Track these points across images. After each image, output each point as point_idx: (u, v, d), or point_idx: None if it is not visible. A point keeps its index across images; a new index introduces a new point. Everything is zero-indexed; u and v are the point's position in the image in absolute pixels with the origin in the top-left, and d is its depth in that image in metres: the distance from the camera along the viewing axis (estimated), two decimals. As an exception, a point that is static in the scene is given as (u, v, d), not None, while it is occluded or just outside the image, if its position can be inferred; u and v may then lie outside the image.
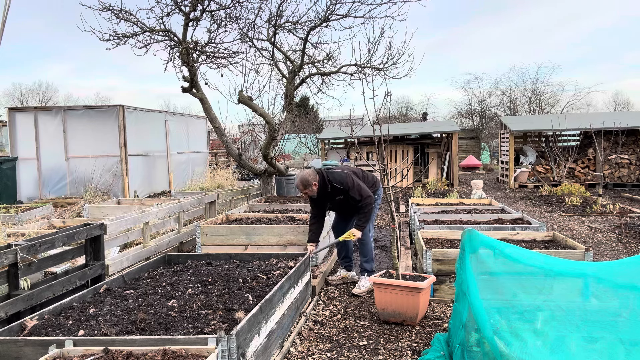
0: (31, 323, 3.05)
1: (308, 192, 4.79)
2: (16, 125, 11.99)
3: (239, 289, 3.80)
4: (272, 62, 9.22)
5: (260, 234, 5.64)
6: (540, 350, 2.39)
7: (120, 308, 3.41)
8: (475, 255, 2.84)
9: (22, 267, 3.66)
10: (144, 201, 8.69)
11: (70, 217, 8.36)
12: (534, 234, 5.43)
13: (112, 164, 11.55)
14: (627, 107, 38.14)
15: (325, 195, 4.90)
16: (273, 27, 8.55)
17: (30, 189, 11.88)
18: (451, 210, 7.60)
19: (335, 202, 4.97)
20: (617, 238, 7.18)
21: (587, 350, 2.38)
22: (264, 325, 3.15)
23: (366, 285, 4.87)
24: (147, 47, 8.37)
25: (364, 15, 8.56)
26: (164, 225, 6.96)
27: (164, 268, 4.63)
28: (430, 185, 13.12)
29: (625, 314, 2.50)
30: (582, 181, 14.39)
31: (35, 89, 42.24)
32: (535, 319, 2.57)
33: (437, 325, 3.96)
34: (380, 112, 4.32)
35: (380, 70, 8.83)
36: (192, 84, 8.71)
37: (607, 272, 2.66)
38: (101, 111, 11.94)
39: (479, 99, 29.55)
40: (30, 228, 6.28)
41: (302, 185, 4.79)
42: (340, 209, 5.14)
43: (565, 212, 9.55)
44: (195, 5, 8.18)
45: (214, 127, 9.35)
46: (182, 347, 2.51)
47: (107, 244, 5.20)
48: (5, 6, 3.90)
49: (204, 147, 15.88)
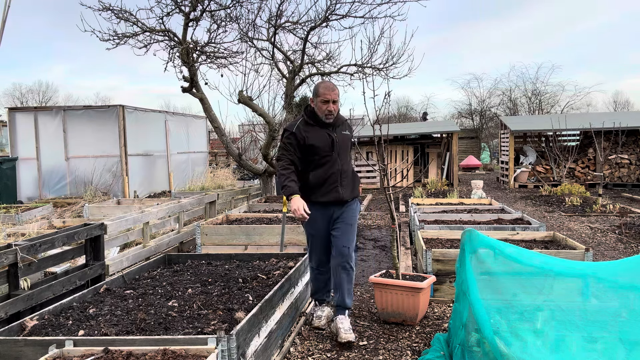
0: (31, 323, 3.05)
1: (335, 106, 3.74)
2: (16, 125, 11.99)
3: (239, 289, 3.80)
4: (272, 62, 9.23)
5: (260, 234, 5.64)
6: (540, 350, 2.39)
7: (120, 308, 3.40)
8: (475, 255, 2.84)
9: (22, 267, 3.66)
10: (144, 201, 8.69)
11: (70, 217, 8.36)
12: (534, 234, 5.43)
13: (112, 164, 11.55)
14: (627, 107, 38.15)
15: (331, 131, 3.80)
16: (273, 27, 8.55)
17: (30, 189, 11.88)
18: (451, 210, 7.60)
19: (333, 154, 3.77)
20: (617, 238, 7.18)
21: (587, 350, 2.38)
22: (264, 325, 3.15)
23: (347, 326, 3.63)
24: (147, 47, 8.38)
25: (364, 15, 8.57)
26: (164, 225, 6.96)
27: (164, 268, 4.63)
28: (430, 185, 13.12)
29: (625, 314, 2.50)
30: (582, 181, 14.38)
31: (35, 89, 42.28)
32: (536, 319, 2.57)
33: (437, 325, 3.96)
34: (380, 112, 4.32)
35: (381, 70, 8.83)
36: (192, 84, 8.71)
37: (607, 272, 2.66)
38: (101, 111, 11.94)
39: (479, 99, 29.58)
40: (30, 228, 6.28)
41: (337, 89, 3.78)
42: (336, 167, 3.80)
43: (565, 212, 9.55)
44: (195, 5, 8.18)
45: (214, 127, 9.36)
46: (182, 347, 2.51)
47: (107, 244, 5.20)
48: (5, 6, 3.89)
49: (204, 147, 15.87)
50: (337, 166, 3.77)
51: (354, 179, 3.91)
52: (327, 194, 3.75)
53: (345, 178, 3.81)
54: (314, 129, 3.75)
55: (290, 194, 3.62)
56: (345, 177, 3.81)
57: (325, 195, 3.75)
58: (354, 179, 3.92)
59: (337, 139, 3.77)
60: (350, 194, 3.85)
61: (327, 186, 3.75)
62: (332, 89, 3.72)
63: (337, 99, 3.74)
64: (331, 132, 3.77)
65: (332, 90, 3.72)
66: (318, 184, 3.75)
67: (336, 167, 3.76)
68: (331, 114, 3.73)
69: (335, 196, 3.75)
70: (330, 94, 3.70)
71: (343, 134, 3.85)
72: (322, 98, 3.70)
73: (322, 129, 3.76)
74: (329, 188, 3.75)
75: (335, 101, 3.73)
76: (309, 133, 3.73)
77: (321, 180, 3.74)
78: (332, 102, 3.70)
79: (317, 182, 3.74)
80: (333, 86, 3.77)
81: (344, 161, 3.82)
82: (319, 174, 3.74)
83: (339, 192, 3.76)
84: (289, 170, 3.69)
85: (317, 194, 3.75)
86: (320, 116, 3.73)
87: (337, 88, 3.79)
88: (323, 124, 3.75)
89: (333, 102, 3.71)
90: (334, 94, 3.72)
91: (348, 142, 3.92)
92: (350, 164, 3.93)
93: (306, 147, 3.72)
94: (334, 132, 3.79)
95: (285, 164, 3.72)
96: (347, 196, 3.81)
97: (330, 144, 3.76)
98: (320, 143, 3.73)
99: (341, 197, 3.77)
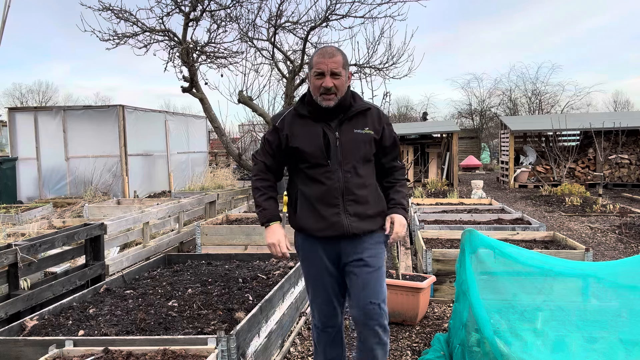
0: (31, 323, 3.05)
1: (338, 81, 2.41)
2: (16, 125, 11.99)
3: (239, 289, 3.80)
4: (272, 62, 9.22)
5: (260, 233, 5.64)
6: (540, 350, 2.39)
7: (120, 308, 3.40)
8: (476, 255, 2.84)
9: (22, 267, 3.66)
10: (144, 201, 8.69)
11: (70, 217, 8.36)
12: (534, 234, 5.44)
13: (112, 164, 11.55)
14: (627, 107, 38.14)
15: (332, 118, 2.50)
16: (273, 27, 8.54)
17: (30, 189, 11.88)
18: (451, 210, 7.60)
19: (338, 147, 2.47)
20: (617, 238, 7.18)
21: (587, 350, 2.38)
22: (264, 325, 3.15)
23: None
24: (147, 47, 8.37)
25: (364, 15, 8.56)
26: (164, 225, 6.96)
27: (164, 268, 4.63)
28: (430, 185, 13.12)
29: (625, 314, 2.50)
30: (582, 181, 14.38)
31: (35, 89, 42.26)
32: (536, 319, 2.57)
33: (437, 325, 3.96)
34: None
35: (380, 70, 8.83)
36: (192, 84, 8.71)
37: (607, 272, 2.67)
38: (101, 111, 11.95)
39: (479, 99, 29.60)
40: (30, 228, 6.28)
41: (340, 56, 2.44)
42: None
43: (565, 212, 9.55)
44: (195, 5, 8.18)
45: (214, 127, 9.35)
46: (182, 347, 2.51)
47: (107, 244, 5.20)
48: (5, 6, 3.90)
49: (204, 147, 15.88)
50: (338, 181, 2.44)
51: (376, 201, 2.52)
52: (321, 225, 2.45)
53: (353, 199, 2.45)
54: (305, 123, 2.50)
55: (266, 220, 2.54)
56: (354, 198, 2.45)
57: (319, 226, 2.46)
58: (376, 200, 2.53)
59: (339, 138, 2.45)
60: (366, 223, 2.47)
61: (320, 212, 2.45)
62: (330, 55, 2.39)
63: (339, 71, 2.40)
64: (330, 127, 2.47)
65: (331, 57, 2.39)
66: (308, 208, 2.49)
67: (335, 182, 2.44)
68: (329, 93, 2.39)
69: (335, 229, 2.44)
70: (326, 61, 2.38)
71: (356, 133, 2.48)
72: (315, 69, 2.40)
73: (317, 123, 2.48)
74: (323, 215, 2.44)
75: (337, 74, 2.39)
76: (296, 129, 2.50)
77: (311, 203, 2.47)
78: (331, 74, 2.38)
79: (306, 206, 2.50)
80: (333, 51, 2.42)
81: (351, 173, 2.45)
82: (308, 192, 2.49)
83: (341, 221, 2.44)
84: (264, 182, 2.60)
85: (309, 224, 2.49)
86: (315, 99, 2.45)
87: (340, 54, 2.43)
88: (319, 114, 2.47)
89: (333, 75, 2.38)
90: (334, 62, 2.38)
91: (362, 144, 2.48)
92: (369, 178, 2.53)
93: (289, 151, 2.52)
94: (337, 127, 2.47)
95: (259, 172, 2.61)
96: (356, 228, 2.45)
97: (323, 146, 2.44)
98: (308, 146, 2.46)
99: (345, 230, 2.44)
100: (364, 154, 2.50)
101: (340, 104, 2.46)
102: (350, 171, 2.47)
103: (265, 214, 2.55)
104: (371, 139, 2.51)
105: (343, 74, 2.44)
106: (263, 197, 2.58)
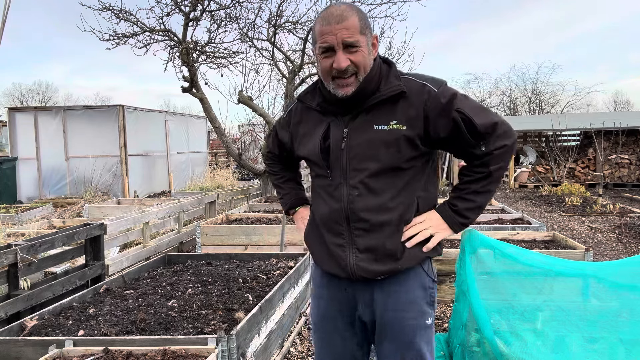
0: (31, 323, 3.05)
1: (356, 56, 1.60)
2: (16, 125, 12.00)
3: (239, 289, 3.80)
4: (272, 62, 9.22)
5: (260, 234, 5.64)
6: (540, 350, 2.39)
7: (120, 308, 3.40)
8: (476, 255, 2.84)
9: (22, 267, 3.66)
10: (144, 201, 8.70)
11: (70, 217, 8.36)
12: (534, 234, 5.43)
13: (112, 164, 11.56)
14: (627, 107, 38.15)
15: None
16: (273, 27, 8.54)
17: (30, 189, 11.88)
18: (451, 210, 7.59)
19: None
20: (617, 238, 7.18)
21: (587, 350, 2.38)
22: (264, 325, 3.15)
23: None
24: (147, 47, 8.37)
25: (364, 15, 8.56)
26: (164, 225, 6.96)
27: (163, 268, 4.63)
28: (430, 185, 13.11)
29: (626, 314, 2.50)
30: (582, 181, 14.39)
31: (35, 89, 42.34)
32: (535, 319, 2.57)
33: (437, 325, 3.96)
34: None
35: (380, 70, 8.82)
36: (192, 84, 8.71)
37: (607, 272, 2.66)
38: (101, 111, 11.96)
39: (479, 99, 29.58)
40: (30, 228, 6.28)
41: (355, 16, 1.60)
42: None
43: (565, 212, 9.55)
44: (195, 5, 8.18)
45: (214, 127, 9.36)
46: (182, 347, 2.51)
47: (107, 244, 5.20)
48: (5, 6, 3.90)
49: (204, 147, 15.88)
50: (340, 200, 1.72)
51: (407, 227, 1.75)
52: (326, 258, 1.80)
53: (363, 228, 1.70)
54: (312, 118, 1.80)
55: (288, 207, 2.09)
56: (364, 226, 1.69)
57: (325, 260, 1.80)
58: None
59: (346, 137, 1.69)
60: (383, 265, 1.71)
61: (326, 240, 1.78)
62: (339, 18, 1.59)
63: (356, 39, 1.59)
64: (338, 122, 1.72)
65: (340, 21, 1.58)
66: (314, 233, 1.86)
67: (336, 202, 1.73)
68: (345, 76, 1.62)
69: (341, 268, 1.74)
70: (333, 29, 1.59)
71: (375, 131, 1.66)
72: (320, 44, 1.63)
73: (325, 117, 1.75)
74: (328, 245, 1.77)
75: (354, 44, 1.59)
76: (302, 129, 1.84)
77: (316, 225, 1.83)
78: (344, 46, 1.59)
79: (314, 227, 1.86)
80: (343, 10, 1.60)
81: (359, 189, 1.69)
82: (315, 210, 1.86)
83: (343, 255, 1.73)
84: (278, 166, 2.12)
85: (315, 253, 1.86)
86: (327, 86, 1.69)
87: (353, 13, 1.61)
88: (330, 105, 1.73)
89: (347, 48, 1.60)
90: (345, 27, 1.58)
91: (381, 148, 1.66)
92: (397, 196, 1.69)
93: (294, 159, 2.06)
94: (349, 122, 1.70)
95: (271, 159, 2.14)
96: (365, 270, 1.71)
97: (319, 149, 1.75)
98: (305, 149, 1.82)
99: (350, 271, 1.72)
100: (386, 162, 1.66)
101: (363, 89, 1.64)
102: (358, 186, 1.68)
103: (286, 200, 2.07)
104: (401, 138, 1.64)
105: (363, 43, 1.61)
106: (281, 180, 2.11)
